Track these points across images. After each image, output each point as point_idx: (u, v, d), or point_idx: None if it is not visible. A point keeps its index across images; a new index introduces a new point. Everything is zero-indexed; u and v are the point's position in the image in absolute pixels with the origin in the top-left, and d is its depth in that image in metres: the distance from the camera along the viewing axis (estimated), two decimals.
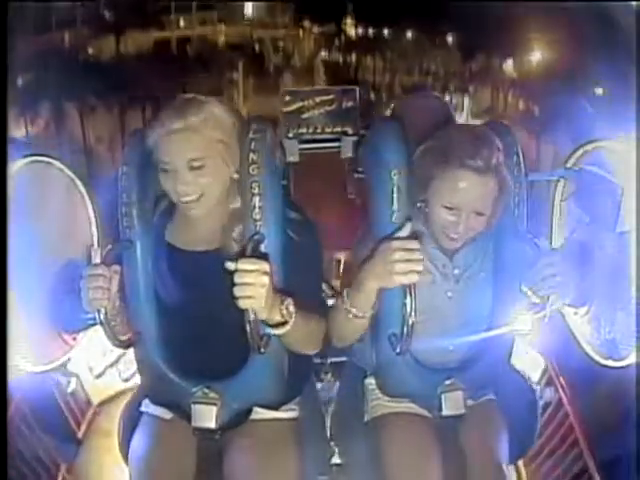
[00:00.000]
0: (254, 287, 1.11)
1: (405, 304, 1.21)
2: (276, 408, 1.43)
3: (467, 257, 1.42)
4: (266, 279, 1.12)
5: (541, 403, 1.83)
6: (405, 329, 1.21)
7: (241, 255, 1.15)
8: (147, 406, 1.47)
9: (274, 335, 1.22)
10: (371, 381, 1.52)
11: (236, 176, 1.30)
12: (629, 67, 1.63)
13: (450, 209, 1.31)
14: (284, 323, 1.21)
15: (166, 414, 1.44)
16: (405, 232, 1.18)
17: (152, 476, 1.35)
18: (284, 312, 1.20)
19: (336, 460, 1.64)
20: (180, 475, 1.37)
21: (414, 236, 1.18)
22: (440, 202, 1.32)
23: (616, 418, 1.75)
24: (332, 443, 1.59)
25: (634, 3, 1.62)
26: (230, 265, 1.12)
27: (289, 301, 1.21)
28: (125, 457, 1.45)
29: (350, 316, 1.27)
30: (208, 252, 1.36)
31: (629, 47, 1.64)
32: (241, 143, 1.29)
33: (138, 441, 1.42)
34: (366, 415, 1.53)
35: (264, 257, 1.16)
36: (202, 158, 1.27)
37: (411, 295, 1.21)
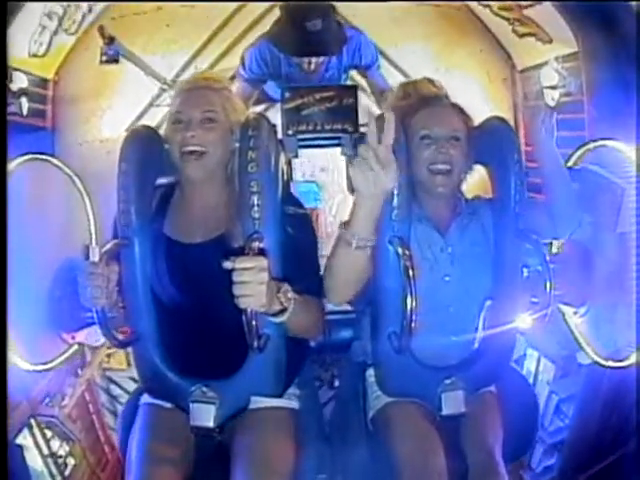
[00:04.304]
0: (253, 285, 1.10)
1: (405, 302, 1.21)
2: (278, 396, 1.42)
3: (460, 229, 1.44)
4: (265, 276, 1.11)
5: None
6: (405, 327, 1.20)
7: (239, 254, 1.14)
8: (146, 399, 1.47)
9: (275, 324, 1.22)
10: (371, 373, 1.51)
11: (237, 145, 1.32)
12: (629, 67, 1.63)
13: (429, 138, 1.41)
14: (283, 310, 1.20)
15: (166, 403, 1.43)
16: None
17: (154, 460, 1.32)
18: (282, 299, 1.19)
19: (336, 459, 1.63)
20: (181, 461, 1.35)
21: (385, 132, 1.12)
22: (418, 135, 1.41)
23: (616, 419, 1.75)
24: (331, 442, 1.58)
25: (634, 3, 1.61)
26: (228, 264, 1.10)
27: (286, 287, 1.21)
28: (124, 454, 1.43)
29: (352, 248, 1.22)
30: (205, 244, 1.36)
31: (629, 48, 1.63)
32: (241, 139, 1.30)
33: (137, 429, 1.40)
34: (370, 411, 1.52)
35: (262, 253, 1.15)
36: (215, 112, 1.35)
37: (411, 294, 1.21)
